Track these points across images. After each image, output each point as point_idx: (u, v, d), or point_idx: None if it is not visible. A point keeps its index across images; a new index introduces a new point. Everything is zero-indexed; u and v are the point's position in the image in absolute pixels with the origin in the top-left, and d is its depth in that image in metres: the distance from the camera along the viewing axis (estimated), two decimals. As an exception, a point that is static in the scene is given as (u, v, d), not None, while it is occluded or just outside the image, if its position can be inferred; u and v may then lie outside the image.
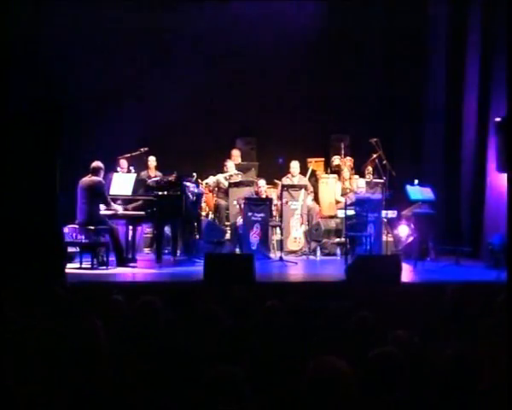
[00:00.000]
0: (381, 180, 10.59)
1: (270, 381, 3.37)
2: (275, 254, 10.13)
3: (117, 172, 10.16)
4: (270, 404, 3.16)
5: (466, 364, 3.26)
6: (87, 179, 9.00)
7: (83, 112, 11.01)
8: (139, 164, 10.64)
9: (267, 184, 10.79)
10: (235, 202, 10.77)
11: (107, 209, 9.10)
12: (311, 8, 11.83)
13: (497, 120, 9.53)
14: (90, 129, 11.18)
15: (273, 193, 10.84)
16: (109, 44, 11.45)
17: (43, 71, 10.54)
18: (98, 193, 8.95)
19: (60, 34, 10.89)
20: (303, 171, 11.36)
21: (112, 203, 9.09)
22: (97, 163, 9.10)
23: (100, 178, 9.05)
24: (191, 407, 2.58)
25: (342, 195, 10.98)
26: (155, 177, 10.46)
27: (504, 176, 9.08)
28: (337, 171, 11.45)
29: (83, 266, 8.84)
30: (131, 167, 10.33)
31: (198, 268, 8.38)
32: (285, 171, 11.08)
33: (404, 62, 11.75)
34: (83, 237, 8.85)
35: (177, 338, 3.90)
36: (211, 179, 11.08)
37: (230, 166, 11.23)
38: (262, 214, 10.09)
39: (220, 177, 11.14)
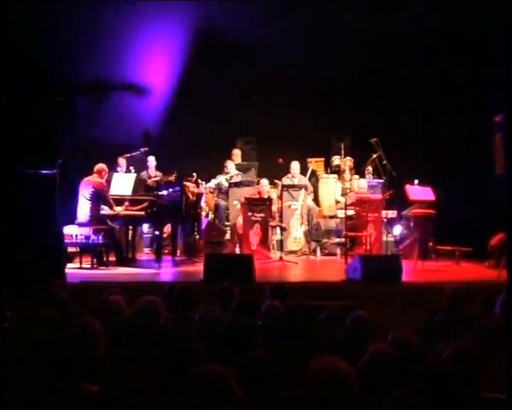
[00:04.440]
0: (381, 180, 10.59)
1: (270, 381, 3.37)
2: (275, 254, 10.12)
3: (117, 172, 10.16)
4: (270, 404, 3.16)
5: (466, 364, 3.27)
6: (89, 180, 9.02)
7: (83, 110, 11.01)
8: (139, 164, 10.64)
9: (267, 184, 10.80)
10: (235, 202, 10.78)
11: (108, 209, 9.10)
12: (311, 8, 11.82)
13: (497, 119, 9.52)
14: (91, 128, 11.18)
15: (273, 193, 10.85)
16: (110, 42, 11.44)
17: (44, 69, 10.55)
18: (99, 195, 8.96)
19: (60, 33, 10.90)
20: (303, 171, 11.36)
21: (114, 206, 9.07)
22: (101, 165, 9.14)
23: (102, 180, 9.07)
24: (187, 406, 2.58)
25: (342, 195, 10.98)
26: (155, 177, 10.46)
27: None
28: (337, 171, 11.45)
29: (83, 266, 8.84)
30: (131, 167, 10.33)
31: (198, 268, 8.39)
32: (285, 171, 11.08)
33: (404, 62, 11.76)
34: (83, 237, 8.85)
35: (177, 338, 3.89)
36: (212, 182, 11.08)
37: (231, 166, 11.24)
38: (262, 214, 10.09)
39: (221, 179, 11.15)
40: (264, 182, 10.67)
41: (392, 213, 10.52)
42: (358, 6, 11.56)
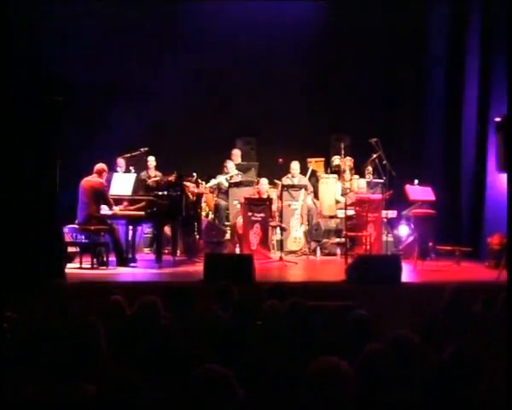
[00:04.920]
0: (381, 180, 10.59)
1: (270, 381, 3.37)
2: (275, 254, 10.12)
3: (117, 172, 10.16)
4: (269, 404, 3.16)
5: (466, 364, 3.27)
6: (89, 180, 9.03)
7: (83, 111, 11.01)
8: (139, 164, 10.64)
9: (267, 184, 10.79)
10: (235, 202, 10.78)
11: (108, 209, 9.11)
12: (312, 8, 11.83)
13: (497, 119, 9.52)
14: (91, 128, 11.18)
15: (273, 193, 10.85)
16: (111, 43, 11.45)
17: (44, 69, 10.53)
18: (99, 195, 8.97)
19: (61, 32, 10.91)
20: (303, 171, 11.36)
21: (114, 206, 9.08)
22: (101, 165, 9.16)
23: (102, 180, 9.08)
24: (188, 406, 2.58)
25: (342, 195, 10.98)
26: (155, 177, 10.46)
27: (504, 176, 9.08)
28: (337, 171, 11.44)
29: (83, 266, 8.84)
30: (131, 167, 10.33)
31: (198, 268, 8.39)
32: (285, 171, 11.08)
33: (405, 63, 11.77)
34: (83, 237, 8.86)
35: (177, 338, 3.89)
36: (212, 182, 11.09)
37: (231, 166, 11.24)
38: (262, 214, 10.09)
39: (222, 178, 11.15)
40: (264, 181, 10.67)
41: (392, 213, 10.52)
42: (359, 6, 11.58)
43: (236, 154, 11.69)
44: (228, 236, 10.68)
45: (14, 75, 8.65)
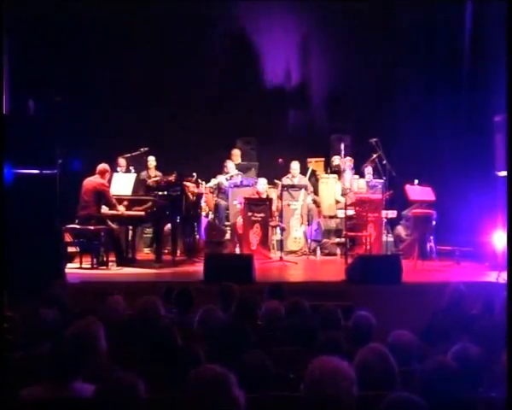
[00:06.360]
0: (381, 180, 10.59)
1: (270, 381, 3.37)
2: (275, 254, 10.12)
3: (117, 172, 10.16)
4: (269, 404, 3.16)
5: (466, 364, 3.27)
6: (91, 180, 9.01)
7: (83, 111, 11.01)
8: (139, 164, 10.64)
9: (267, 184, 10.77)
10: (235, 202, 10.78)
11: (109, 210, 9.09)
12: (312, 8, 11.84)
13: (497, 119, 9.51)
14: (91, 128, 11.18)
15: (273, 193, 10.84)
16: (111, 43, 11.46)
17: (45, 69, 10.56)
18: (101, 195, 8.96)
19: (61, 32, 10.93)
20: (303, 171, 11.36)
21: (117, 205, 9.07)
22: (104, 166, 9.14)
23: (104, 181, 9.06)
24: (187, 406, 2.58)
25: (342, 195, 10.97)
26: (155, 177, 10.46)
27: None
28: (337, 171, 11.44)
29: (83, 266, 8.84)
30: (131, 167, 10.33)
31: (198, 268, 8.39)
32: (285, 171, 11.07)
33: (404, 62, 11.78)
34: (83, 237, 8.85)
35: (177, 338, 3.89)
36: (212, 182, 11.08)
37: (231, 166, 11.23)
38: (262, 214, 10.09)
39: (222, 178, 11.14)
40: (261, 181, 10.63)
41: (392, 213, 10.52)
42: (358, 6, 11.59)
43: (236, 154, 11.69)
44: (228, 236, 10.68)
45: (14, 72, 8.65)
